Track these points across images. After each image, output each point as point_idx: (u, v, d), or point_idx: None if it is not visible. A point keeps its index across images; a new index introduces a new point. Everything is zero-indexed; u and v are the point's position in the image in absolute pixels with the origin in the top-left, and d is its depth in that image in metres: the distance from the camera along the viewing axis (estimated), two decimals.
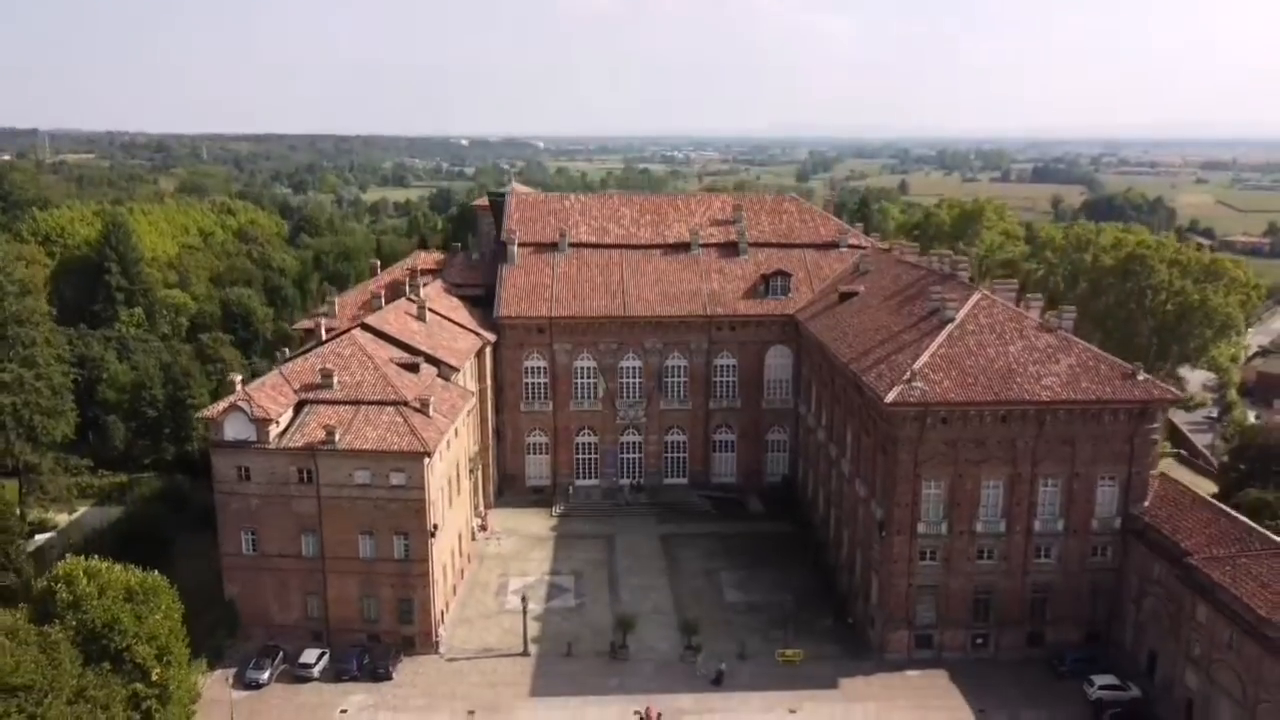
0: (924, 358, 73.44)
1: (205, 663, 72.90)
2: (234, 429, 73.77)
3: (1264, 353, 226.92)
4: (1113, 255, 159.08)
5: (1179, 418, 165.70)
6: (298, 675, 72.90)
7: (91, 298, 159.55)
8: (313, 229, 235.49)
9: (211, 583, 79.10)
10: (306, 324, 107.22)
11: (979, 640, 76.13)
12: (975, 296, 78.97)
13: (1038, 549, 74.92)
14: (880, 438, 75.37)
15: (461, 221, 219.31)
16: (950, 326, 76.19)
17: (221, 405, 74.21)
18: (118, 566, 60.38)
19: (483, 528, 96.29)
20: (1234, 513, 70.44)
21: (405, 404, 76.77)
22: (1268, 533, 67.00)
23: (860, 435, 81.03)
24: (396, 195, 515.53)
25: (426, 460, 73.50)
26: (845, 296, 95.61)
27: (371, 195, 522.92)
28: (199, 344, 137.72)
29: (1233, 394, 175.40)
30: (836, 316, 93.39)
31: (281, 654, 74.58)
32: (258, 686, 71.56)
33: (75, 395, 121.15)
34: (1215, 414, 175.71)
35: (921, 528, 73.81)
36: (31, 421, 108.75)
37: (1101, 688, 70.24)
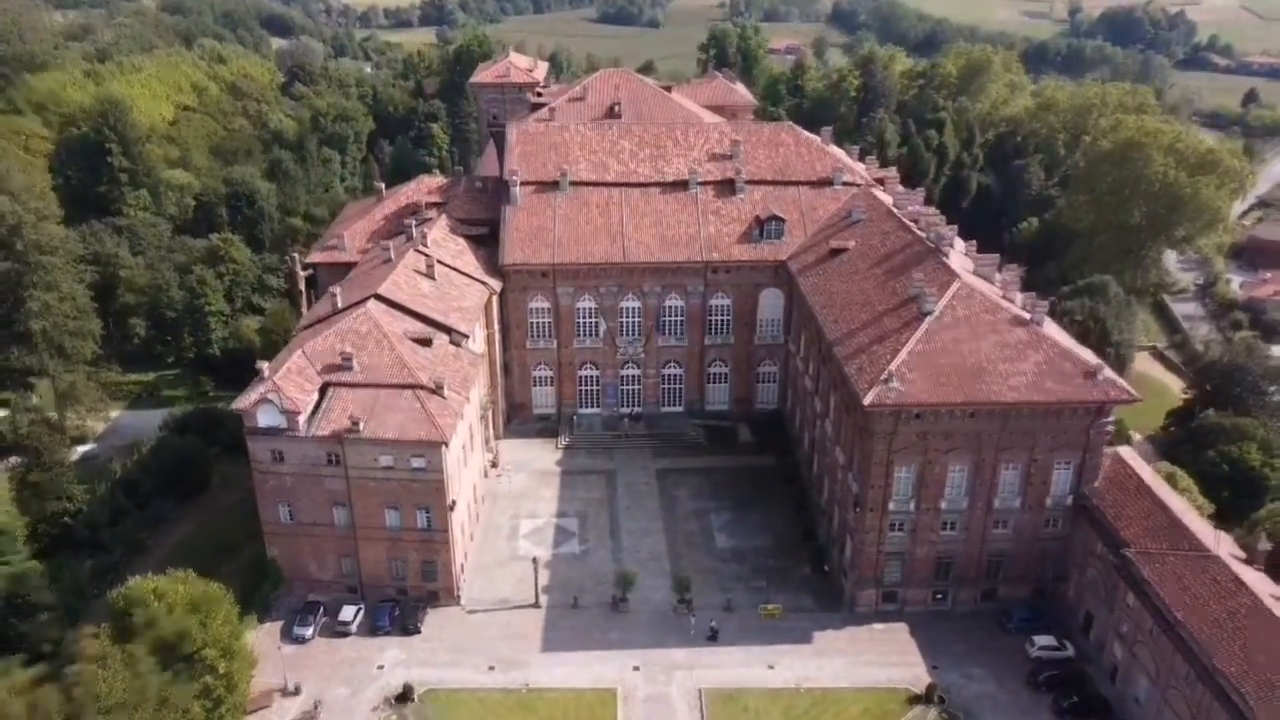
0: (901, 355, 78.93)
1: (255, 618, 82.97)
2: (266, 418, 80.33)
3: (1261, 205, 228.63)
4: (1111, 139, 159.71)
5: None
6: (337, 631, 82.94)
7: (95, 178, 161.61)
8: (307, 77, 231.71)
9: (249, 511, 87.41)
10: (318, 258, 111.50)
11: (939, 595, 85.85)
12: (954, 286, 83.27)
13: (996, 522, 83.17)
14: (858, 423, 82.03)
15: (457, 68, 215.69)
16: (928, 320, 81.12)
17: (253, 397, 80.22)
18: (180, 584, 68.57)
19: (494, 464, 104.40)
20: (1172, 504, 78.01)
21: (421, 387, 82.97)
22: (1197, 529, 74.90)
23: (841, 411, 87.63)
24: (387, 1, 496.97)
25: (444, 447, 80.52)
26: (835, 252, 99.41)
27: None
28: (210, 245, 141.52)
29: (1219, 265, 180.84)
30: (825, 275, 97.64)
31: (322, 609, 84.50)
32: (303, 641, 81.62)
33: (94, 294, 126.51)
34: (1201, 281, 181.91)
35: (892, 505, 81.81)
36: (61, 342, 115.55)
37: (1041, 648, 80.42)
